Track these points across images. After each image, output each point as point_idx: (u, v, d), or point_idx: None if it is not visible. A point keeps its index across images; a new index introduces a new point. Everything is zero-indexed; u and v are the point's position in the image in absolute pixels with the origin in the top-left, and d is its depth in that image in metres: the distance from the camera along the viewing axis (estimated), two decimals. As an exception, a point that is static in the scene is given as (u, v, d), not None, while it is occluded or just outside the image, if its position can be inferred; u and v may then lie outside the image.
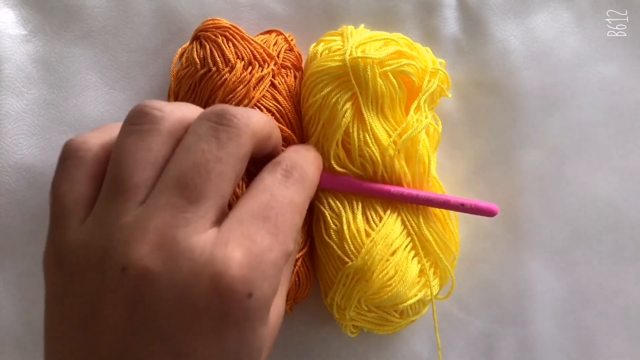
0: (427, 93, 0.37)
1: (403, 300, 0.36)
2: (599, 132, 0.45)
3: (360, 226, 0.36)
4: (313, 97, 0.37)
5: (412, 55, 0.37)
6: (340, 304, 0.37)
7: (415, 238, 0.37)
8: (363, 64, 0.36)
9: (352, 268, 0.35)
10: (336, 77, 0.37)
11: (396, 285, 0.36)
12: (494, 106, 0.44)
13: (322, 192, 0.38)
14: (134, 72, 0.43)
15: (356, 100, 0.36)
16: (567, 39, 0.45)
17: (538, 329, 0.43)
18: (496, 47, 0.45)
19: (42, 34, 0.43)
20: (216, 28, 0.38)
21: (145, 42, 0.43)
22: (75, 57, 0.43)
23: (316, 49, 0.39)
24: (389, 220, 0.36)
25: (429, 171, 0.37)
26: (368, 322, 0.38)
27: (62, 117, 0.42)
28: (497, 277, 0.43)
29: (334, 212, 0.37)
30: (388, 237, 0.36)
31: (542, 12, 0.45)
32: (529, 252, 0.43)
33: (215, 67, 0.37)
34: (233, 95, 0.37)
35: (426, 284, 0.37)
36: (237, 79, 0.37)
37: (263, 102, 0.38)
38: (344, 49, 0.37)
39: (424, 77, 0.38)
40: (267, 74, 0.38)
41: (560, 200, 0.44)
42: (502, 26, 0.45)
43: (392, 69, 0.36)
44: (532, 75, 0.44)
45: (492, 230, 0.43)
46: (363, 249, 0.35)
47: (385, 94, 0.36)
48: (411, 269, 0.36)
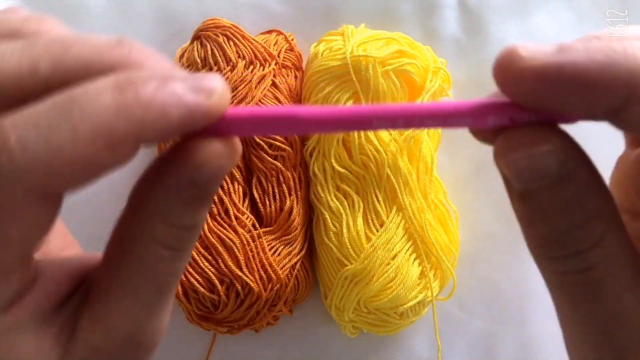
0: (429, 92, 0.37)
1: (403, 302, 0.36)
2: (599, 131, 0.44)
3: (360, 229, 0.36)
4: (314, 97, 0.37)
5: (413, 54, 0.37)
6: (339, 305, 0.37)
7: (417, 241, 0.37)
8: (364, 63, 0.36)
9: (351, 271, 0.35)
10: (337, 77, 0.36)
11: (396, 288, 0.35)
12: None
13: (322, 192, 0.38)
14: (134, 72, 0.43)
15: (357, 99, 0.36)
16: (567, 38, 0.45)
17: (538, 329, 0.43)
18: (496, 47, 0.44)
19: (42, 33, 0.43)
20: (217, 27, 0.38)
21: (146, 42, 0.42)
22: (74, 56, 0.43)
23: (317, 48, 0.39)
24: (391, 225, 0.36)
25: (431, 171, 0.37)
26: (367, 323, 0.38)
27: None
28: (497, 277, 0.43)
29: (333, 213, 0.37)
30: (390, 242, 0.36)
31: (542, 12, 0.45)
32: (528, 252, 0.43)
33: (217, 67, 0.37)
34: (234, 95, 0.37)
35: (426, 285, 0.37)
36: (239, 78, 0.37)
37: (264, 102, 0.38)
38: (345, 48, 0.37)
39: (425, 76, 0.38)
40: (268, 74, 0.38)
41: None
42: (502, 26, 0.45)
43: (394, 68, 0.36)
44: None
45: (492, 230, 0.43)
46: (362, 254, 0.35)
47: (386, 92, 0.36)
48: (412, 271, 0.36)
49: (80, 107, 0.15)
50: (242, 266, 0.36)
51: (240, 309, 0.36)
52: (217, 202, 0.37)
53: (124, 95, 0.16)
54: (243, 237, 0.36)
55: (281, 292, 0.37)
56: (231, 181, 0.37)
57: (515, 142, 0.17)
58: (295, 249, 0.38)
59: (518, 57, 0.17)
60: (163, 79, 0.16)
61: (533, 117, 0.18)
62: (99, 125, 0.15)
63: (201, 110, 0.17)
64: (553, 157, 0.17)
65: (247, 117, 0.18)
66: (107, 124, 0.15)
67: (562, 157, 0.17)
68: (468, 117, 0.18)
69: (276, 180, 0.38)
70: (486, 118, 0.18)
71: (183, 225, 0.19)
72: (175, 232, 0.19)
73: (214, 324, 0.38)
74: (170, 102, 0.16)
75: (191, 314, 0.38)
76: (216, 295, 0.36)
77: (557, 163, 0.17)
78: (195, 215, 0.19)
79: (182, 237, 0.19)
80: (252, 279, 0.36)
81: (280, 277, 0.36)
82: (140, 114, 0.16)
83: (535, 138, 0.17)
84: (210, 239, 0.36)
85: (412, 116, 0.18)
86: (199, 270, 0.36)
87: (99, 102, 0.16)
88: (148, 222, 0.18)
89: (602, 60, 0.16)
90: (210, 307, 0.37)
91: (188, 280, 0.36)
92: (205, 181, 0.18)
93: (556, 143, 0.17)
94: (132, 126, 0.16)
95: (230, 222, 0.37)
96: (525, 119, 0.18)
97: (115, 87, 0.16)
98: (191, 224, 0.19)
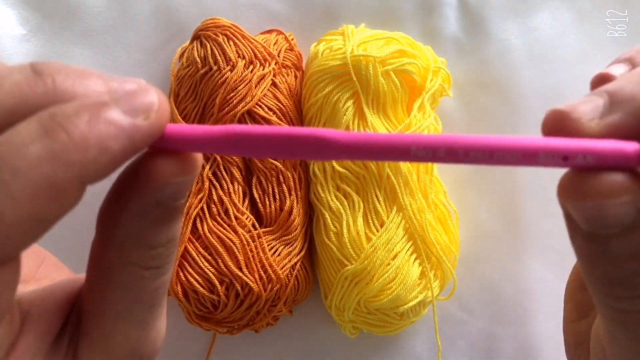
0: (430, 91, 0.37)
1: (403, 302, 0.36)
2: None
3: (361, 229, 0.36)
4: (315, 97, 0.37)
5: (413, 54, 0.37)
6: (339, 305, 0.37)
7: (417, 241, 0.36)
8: (365, 63, 0.36)
9: (351, 271, 0.35)
10: (337, 76, 0.36)
11: (396, 288, 0.35)
12: (494, 106, 0.44)
13: (322, 192, 0.37)
14: (134, 71, 0.43)
15: (357, 99, 0.36)
16: (567, 38, 0.45)
17: (538, 329, 0.43)
18: (496, 47, 0.44)
19: (42, 33, 0.43)
20: (217, 27, 0.38)
21: (145, 42, 0.43)
22: (74, 56, 0.43)
23: (317, 48, 0.39)
24: (391, 226, 0.36)
25: (432, 171, 0.37)
26: (368, 323, 0.38)
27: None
28: (497, 277, 0.43)
29: (334, 213, 0.37)
30: (390, 242, 0.36)
31: (543, 11, 0.45)
32: (530, 252, 0.43)
33: (217, 66, 0.37)
34: (234, 94, 0.37)
35: (427, 286, 0.37)
36: (239, 78, 0.37)
37: (264, 101, 0.38)
38: (345, 47, 0.37)
39: (425, 76, 0.38)
40: (269, 73, 0.38)
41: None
42: (502, 26, 0.45)
43: (394, 68, 0.36)
44: (532, 74, 0.44)
45: (493, 230, 0.43)
46: (363, 254, 0.35)
47: (387, 92, 0.36)
48: (412, 271, 0.36)
49: (10, 166, 0.13)
50: (242, 266, 0.36)
51: (240, 309, 0.36)
52: (217, 202, 0.37)
53: (55, 140, 0.14)
54: (243, 237, 0.36)
55: (281, 292, 0.37)
56: (231, 181, 0.37)
57: (587, 188, 0.16)
58: (295, 249, 0.38)
59: (571, 123, 0.16)
60: (95, 108, 0.15)
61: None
62: (35, 180, 0.14)
63: (142, 133, 0.15)
64: (630, 207, 0.16)
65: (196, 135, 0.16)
66: (44, 177, 0.14)
67: (639, 206, 0.16)
68: (518, 154, 0.16)
69: (276, 180, 0.38)
70: (537, 158, 0.16)
71: (158, 244, 0.18)
72: (152, 253, 0.18)
73: (213, 324, 0.38)
74: (107, 135, 0.14)
75: (191, 314, 0.37)
76: (216, 295, 0.36)
77: (634, 212, 0.16)
78: (168, 231, 0.18)
79: (160, 254, 0.18)
80: (252, 279, 0.36)
81: (280, 278, 0.36)
82: (78, 156, 0.14)
83: (613, 186, 0.15)
84: (210, 239, 0.36)
85: (456, 148, 0.16)
86: (198, 270, 0.36)
87: (29, 155, 0.14)
88: (122, 248, 0.17)
89: None
90: (210, 307, 0.37)
91: (188, 280, 0.36)
92: (171, 198, 0.17)
93: (635, 192, 0.16)
94: (72, 171, 0.14)
95: (230, 222, 0.37)
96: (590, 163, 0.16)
97: (43, 133, 0.14)
98: (166, 240, 0.18)
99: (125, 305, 0.18)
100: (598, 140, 0.16)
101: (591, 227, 0.16)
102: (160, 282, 0.19)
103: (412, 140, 0.16)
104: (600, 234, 0.16)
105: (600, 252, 0.17)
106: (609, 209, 0.16)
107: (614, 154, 0.15)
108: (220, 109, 0.37)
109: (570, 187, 0.16)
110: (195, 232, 0.37)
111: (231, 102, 0.37)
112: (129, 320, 0.19)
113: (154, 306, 0.19)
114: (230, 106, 0.37)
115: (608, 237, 0.16)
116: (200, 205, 0.37)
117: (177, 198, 0.17)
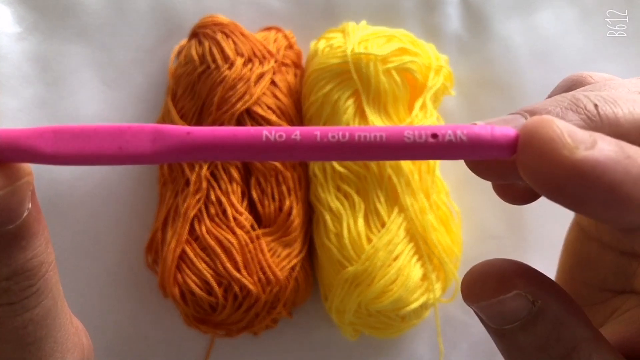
0: (432, 89, 0.37)
1: (405, 304, 0.36)
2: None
3: (361, 230, 0.35)
4: (314, 95, 0.37)
5: (415, 52, 0.37)
6: (339, 307, 0.37)
7: (419, 242, 0.36)
8: (365, 61, 0.35)
9: (352, 273, 0.35)
10: (338, 75, 0.36)
11: (398, 290, 0.35)
12: (496, 104, 0.44)
13: (322, 192, 0.37)
14: (131, 70, 0.43)
15: (358, 98, 0.36)
16: (570, 37, 0.45)
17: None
18: (499, 45, 0.44)
19: (38, 31, 0.42)
20: (215, 25, 0.38)
21: (142, 40, 0.43)
22: (71, 55, 0.42)
23: (317, 46, 0.39)
24: (392, 226, 0.36)
25: (434, 171, 0.37)
26: (368, 326, 0.38)
27: (58, 116, 0.42)
28: (500, 279, 0.43)
29: (334, 214, 0.36)
30: (391, 243, 0.35)
31: (546, 9, 0.45)
32: (532, 253, 0.43)
33: (215, 64, 0.37)
34: (233, 92, 0.36)
35: (429, 287, 0.36)
36: (237, 76, 0.36)
37: (263, 100, 0.37)
38: (346, 45, 0.36)
39: (427, 74, 0.37)
40: (268, 71, 0.37)
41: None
42: (505, 23, 0.45)
43: (395, 66, 0.36)
44: (535, 72, 0.44)
45: (495, 231, 0.43)
46: (363, 255, 0.35)
47: (388, 91, 0.36)
48: (414, 273, 0.35)
49: None
50: (240, 267, 0.35)
51: (238, 311, 0.36)
52: (215, 203, 0.36)
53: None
54: (241, 238, 0.36)
55: (280, 294, 0.36)
56: (229, 181, 0.37)
57: (477, 290, 0.17)
58: (294, 250, 0.37)
59: (560, 144, 0.14)
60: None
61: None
62: None
63: None
64: (521, 300, 0.16)
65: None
66: None
67: (530, 298, 0.16)
68: (382, 133, 0.15)
69: (275, 180, 0.37)
70: (404, 138, 0.15)
71: (3, 277, 0.16)
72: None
73: (211, 326, 0.37)
74: None
75: (188, 317, 0.37)
76: (214, 297, 0.35)
77: (526, 305, 0.16)
78: (13, 260, 0.16)
79: (10, 288, 0.16)
80: (251, 280, 0.35)
81: (279, 279, 0.36)
82: None
83: (499, 285, 0.17)
84: (208, 239, 0.36)
85: (314, 130, 0.15)
86: (196, 271, 0.36)
87: None
88: None
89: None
90: (207, 309, 0.36)
91: (185, 282, 0.35)
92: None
93: (521, 286, 0.16)
94: None
95: (229, 223, 0.36)
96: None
97: None
98: (15, 271, 0.16)
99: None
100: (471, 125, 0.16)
101: (495, 324, 0.17)
102: (25, 319, 0.16)
103: (264, 128, 0.16)
104: (507, 330, 0.17)
105: (511, 346, 0.17)
106: (504, 305, 0.17)
107: (485, 131, 0.15)
108: (218, 108, 0.36)
109: (466, 290, 0.18)
110: (193, 233, 0.36)
111: (230, 100, 0.36)
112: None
113: (31, 345, 0.17)
114: (228, 105, 0.36)
115: (513, 333, 0.17)
116: (198, 206, 0.36)
117: (9, 221, 0.15)
